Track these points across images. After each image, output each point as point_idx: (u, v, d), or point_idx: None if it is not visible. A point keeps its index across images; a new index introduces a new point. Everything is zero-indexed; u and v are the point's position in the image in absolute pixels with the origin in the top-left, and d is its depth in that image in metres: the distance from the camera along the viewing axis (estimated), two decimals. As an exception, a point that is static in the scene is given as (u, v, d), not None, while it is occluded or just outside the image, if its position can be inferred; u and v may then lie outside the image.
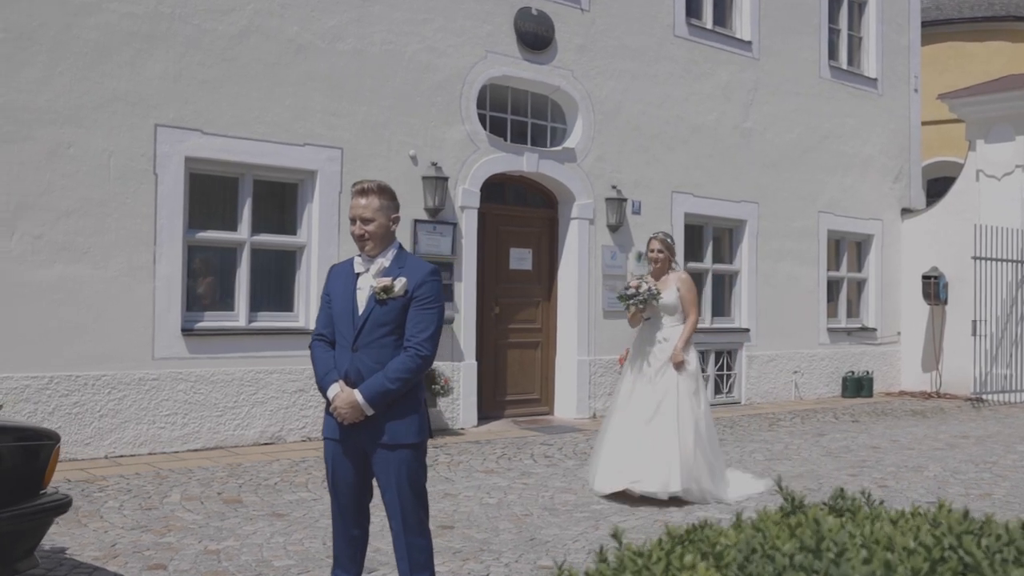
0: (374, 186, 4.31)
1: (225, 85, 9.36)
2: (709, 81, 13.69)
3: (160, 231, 8.98)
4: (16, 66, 8.27)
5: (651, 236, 8.09)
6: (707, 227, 13.94)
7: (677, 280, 7.89)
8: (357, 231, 4.29)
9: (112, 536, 6.08)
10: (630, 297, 7.75)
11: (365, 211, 4.27)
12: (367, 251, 4.31)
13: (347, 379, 4.23)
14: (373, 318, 4.23)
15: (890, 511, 2.35)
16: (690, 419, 7.56)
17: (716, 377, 14.07)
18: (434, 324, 4.26)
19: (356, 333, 4.24)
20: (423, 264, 4.35)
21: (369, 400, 4.15)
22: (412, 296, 4.23)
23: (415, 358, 4.18)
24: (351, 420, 4.19)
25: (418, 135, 10.73)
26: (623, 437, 7.61)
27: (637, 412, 7.65)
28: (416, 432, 4.26)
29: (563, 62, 12.04)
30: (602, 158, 12.42)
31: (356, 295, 4.30)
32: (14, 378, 8.21)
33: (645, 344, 7.84)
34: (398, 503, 4.23)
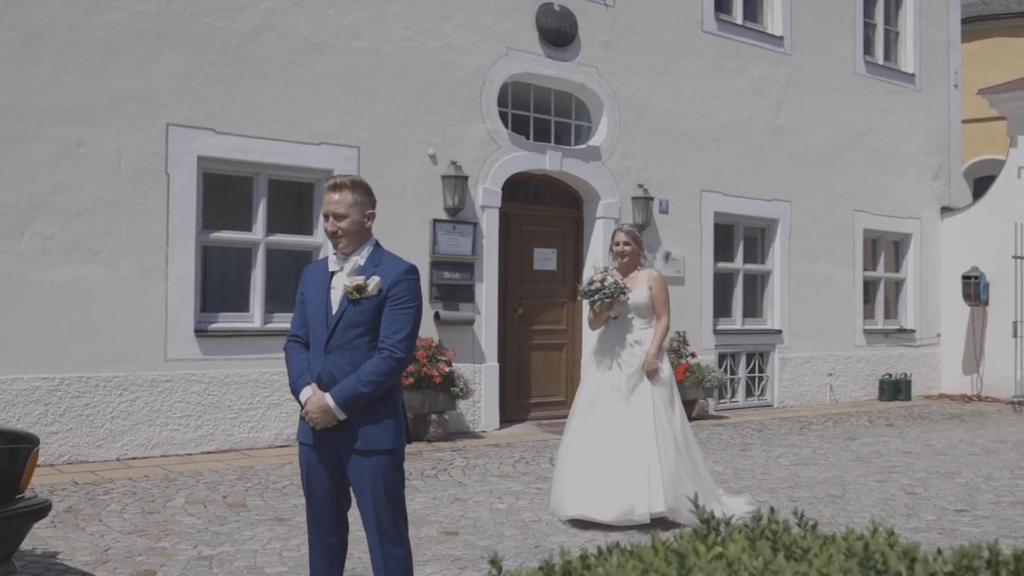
0: (347, 181, 4.12)
1: (238, 84, 9.26)
2: (740, 78, 13.39)
3: (172, 231, 8.89)
4: (26, 65, 8.22)
5: (616, 228, 7.25)
6: (738, 226, 13.64)
7: (648, 278, 7.03)
8: (330, 228, 4.10)
9: (107, 541, 5.97)
10: (593, 293, 6.80)
11: (338, 207, 4.08)
12: (341, 248, 4.13)
13: (319, 382, 4.05)
14: (346, 318, 4.04)
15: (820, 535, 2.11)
16: (668, 431, 6.75)
17: (747, 379, 13.76)
18: (410, 325, 4.06)
19: (329, 334, 4.05)
20: (400, 262, 4.15)
21: (341, 404, 3.97)
22: (387, 295, 4.04)
23: (389, 360, 3.99)
24: (323, 425, 4.01)
25: (437, 134, 10.56)
26: (590, 454, 6.73)
27: (605, 425, 6.75)
28: (392, 438, 4.07)
29: (587, 59, 11.81)
30: (628, 156, 12.18)
31: (330, 295, 4.11)
32: (24, 379, 8.15)
33: (613, 347, 6.90)
34: (373, 511, 4.04)
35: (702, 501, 6.07)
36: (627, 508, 6.51)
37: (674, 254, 12.57)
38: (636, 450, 6.62)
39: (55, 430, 8.27)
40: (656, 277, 7.06)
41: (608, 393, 6.82)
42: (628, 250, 7.04)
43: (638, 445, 6.63)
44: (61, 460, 8.28)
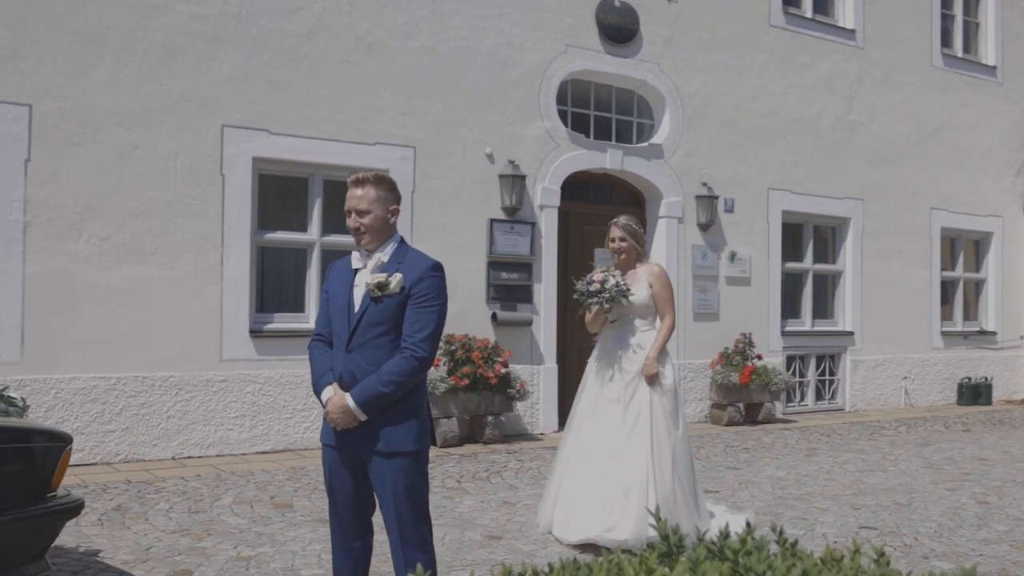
0: (370, 176, 4.03)
1: (293, 85, 9.27)
2: (809, 72, 13.03)
3: (228, 232, 8.93)
4: (84, 69, 8.33)
5: (611, 222, 6.46)
6: (807, 225, 13.27)
7: (648, 274, 6.27)
8: (352, 224, 4.02)
9: (150, 540, 5.97)
10: (594, 294, 6.12)
11: (360, 202, 3.99)
12: (364, 245, 4.03)
13: (341, 382, 3.96)
14: (368, 317, 3.94)
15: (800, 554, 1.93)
16: (667, 447, 6.03)
17: (817, 382, 13.37)
18: (433, 323, 3.94)
19: (350, 333, 3.96)
20: (424, 259, 4.04)
21: (361, 405, 3.87)
22: (410, 293, 3.93)
23: (411, 360, 3.88)
24: (344, 426, 3.92)
25: (494, 133, 10.46)
26: (585, 472, 6.08)
27: (602, 439, 6.08)
28: (414, 439, 3.95)
29: (649, 55, 11.60)
30: (691, 154, 11.92)
31: (352, 292, 4.02)
32: (82, 379, 8.25)
33: (613, 352, 6.23)
34: (395, 515, 3.93)
35: (697, 523, 5.82)
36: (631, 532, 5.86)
37: (740, 254, 12.28)
38: (632, 471, 5.94)
39: (112, 429, 8.36)
40: (657, 273, 6.30)
41: (609, 406, 6.12)
42: (624, 246, 6.33)
43: (634, 464, 5.95)
44: (118, 459, 8.36)
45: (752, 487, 8.06)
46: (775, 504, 7.41)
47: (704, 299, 12.01)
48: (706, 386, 11.94)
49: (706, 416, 11.93)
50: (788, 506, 7.35)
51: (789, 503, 7.46)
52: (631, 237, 6.32)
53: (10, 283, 8.01)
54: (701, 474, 8.52)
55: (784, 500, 7.57)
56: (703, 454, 9.63)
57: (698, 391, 11.89)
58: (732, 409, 11.73)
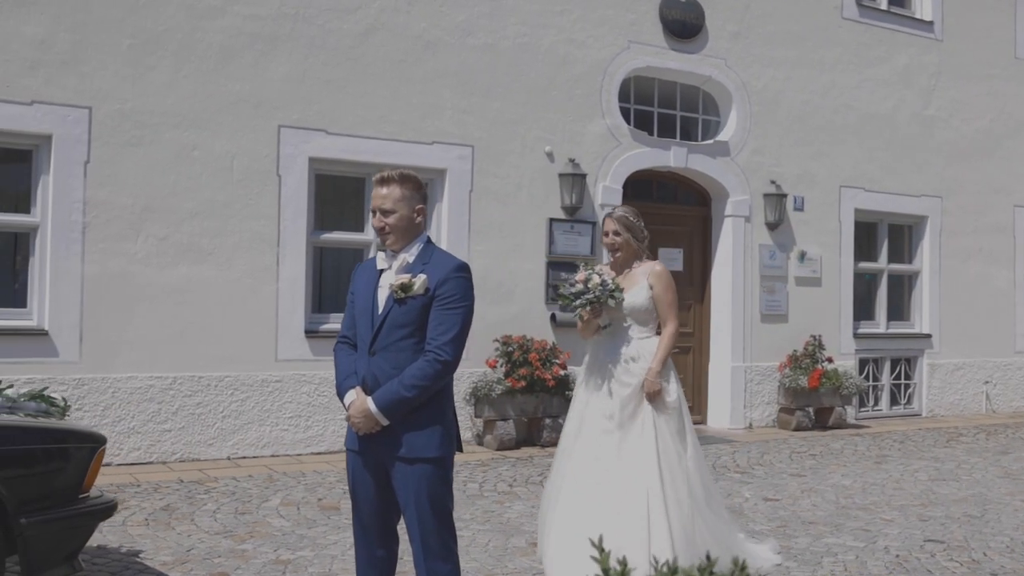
0: (395, 175, 3.92)
1: (350, 84, 9.24)
2: (884, 66, 12.60)
3: (284, 232, 8.94)
4: (142, 71, 8.40)
5: (606, 214, 5.66)
6: (881, 224, 12.84)
7: (649, 274, 5.44)
8: (377, 223, 3.92)
9: (192, 541, 5.96)
10: (576, 296, 5.35)
11: (385, 201, 3.88)
12: (389, 245, 3.93)
13: (364, 385, 3.86)
14: (391, 319, 3.84)
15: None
16: (679, 472, 5.21)
17: (892, 387, 12.93)
18: (458, 326, 3.82)
19: (374, 335, 3.86)
20: (450, 260, 3.92)
21: (382, 409, 3.76)
22: (434, 295, 3.82)
23: (434, 363, 3.76)
24: (366, 430, 3.81)
25: (555, 131, 10.30)
26: (583, 502, 5.17)
27: (597, 464, 5.21)
28: (438, 445, 3.83)
29: (715, 50, 11.32)
30: (759, 151, 11.61)
31: (377, 294, 3.92)
32: (138, 378, 8.33)
33: (604, 364, 5.39)
34: (418, 523, 3.81)
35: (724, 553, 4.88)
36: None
37: (810, 253, 11.92)
38: (635, 497, 5.11)
39: (168, 428, 8.42)
40: (659, 272, 5.46)
41: (597, 422, 5.28)
42: (619, 241, 5.48)
43: (638, 490, 5.11)
44: (173, 458, 8.42)
45: (815, 495, 7.78)
46: (837, 514, 7.13)
47: (772, 300, 11.68)
48: (774, 390, 11.61)
49: (774, 421, 11.61)
50: (850, 516, 7.06)
51: (852, 513, 7.17)
52: (627, 231, 5.48)
53: (69, 283, 8.12)
54: (763, 482, 8.28)
55: (847, 510, 7.27)
56: (767, 460, 9.35)
57: (765, 395, 11.58)
58: (801, 414, 11.38)
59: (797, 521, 6.87)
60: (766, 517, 6.98)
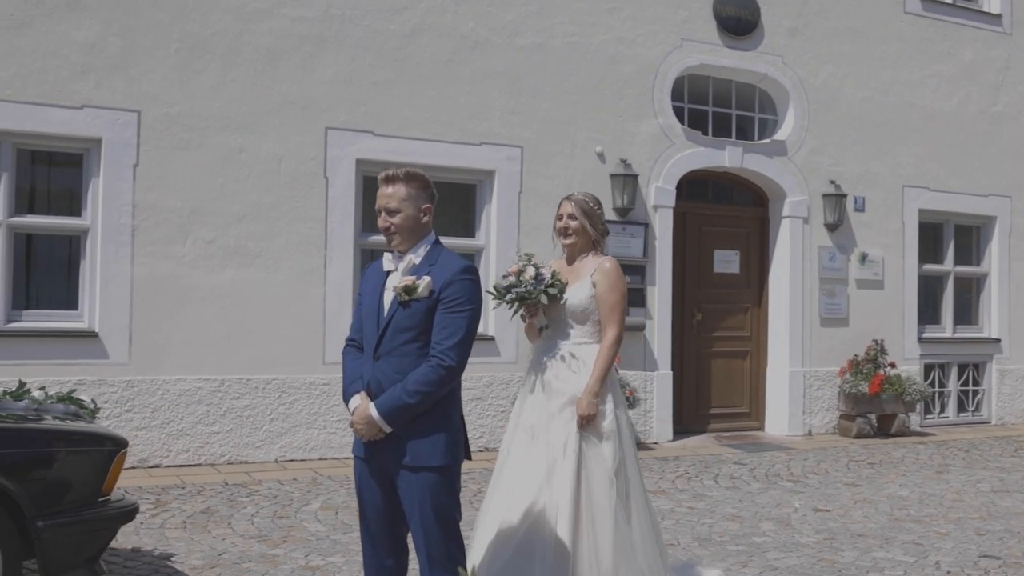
0: (401, 173, 3.84)
1: (397, 85, 9.20)
2: (948, 61, 12.20)
3: (331, 235, 8.93)
4: (191, 75, 8.46)
5: (564, 197, 4.88)
6: (947, 225, 12.43)
7: (596, 269, 4.67)
8: (382, 223, 3.85)
9: (226, 545, 5.95)
10: (505, 291, 4.67)
11: (390, 201, 3.81)
12: (395, 246, 3.86)
13: (368, 390, 3.78)
14: (395, 322, 3.76)
15: None
16: (606, 515, 4.38)
17: (960, 393, 12.51)
18: (463, 330, 3.72)
19: (378, 339, 3.78)
20: (456, 261, 3.83)
21: (384, 416, 3.67)
22: (439, 297, 3.72)
23: (437, 369, 3.67)
24: (369, 437, 3.74)
25: (605, 131, 10.15)
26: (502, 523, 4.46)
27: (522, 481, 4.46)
28: (442, 454, 3.74)
29: (771, 47, 11.06)
30: (818, 151, 11.32)
31: (382, 296, 3.85)
32: (187, 380, 8.38)
33: (540, 370, 4.64)
34: (422, 534, 3.73)
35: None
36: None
37: (871, 255, 11.58)
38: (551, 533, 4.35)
39: (216, 430, 8.46)
40: (607, 269, 4.66)
41: (520, 436, 4.58)
42: (574, 226, 4.72)
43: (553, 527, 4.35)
44: (221, 460, 8.46)
45: (868, 506, 7.52)
46: (889, 527, 6.87)
47: (832, 303, 11.37)
48: (833, 396, 11.30)
49: (834, 428, 11.29)
50: (903, 529, 6.80)
51: (905, 526, 6.90)
52: (584, 216, 4.72)
53: (119, 286, 8.20)
54: (815, 491, 8.04)
55: (900, 522, 7.01)
56: (822, 469, 9.09)
57: (825, 401, 11.27)
58: (861, 420, 11.05)
59: (845, 533, 6.64)
60: (813, 528, 6.75)
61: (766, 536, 6.52)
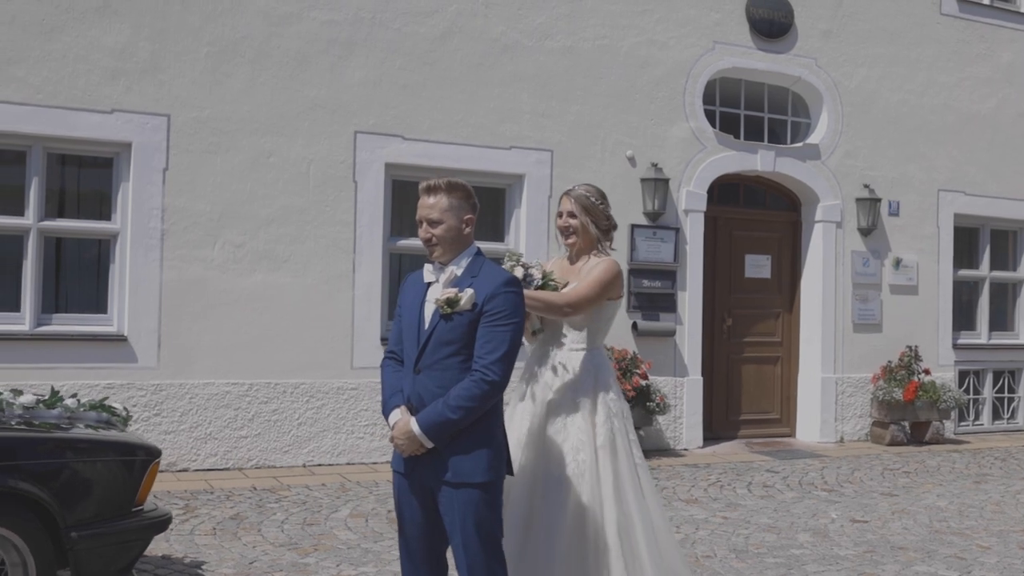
0: (443, 183, 3.74)
1: (426, 89, 9.14)
2: (986, 63, 12.01)
3: (360, 239, 8.88)
4: (220, 78, 8.43)
5: (564, 192, 4.56)
6: (983, 229, 12.23)
7: (594, 267, 4.39)
8: (423, 235, 3.75)
9: (256, 553, 5.89)
10: None
11: (432, 211, 3.71)
12: (436, 257, 3.76)
13: (409, 405, 3.69)
14: (437, 335, 3.66)
15: None
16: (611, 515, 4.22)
17: (995, 400, 12.31)
18: (506, 344, 3.62)
19: (419, 352, 3.69)
20: (499, 273, 3.73)
21: (426, 431, 3.58)
22: (482, 310, 3.63)
23: (481, 383, 3.58)
24: (410, 452, 3.65)
25: (636, 134, 10.04)
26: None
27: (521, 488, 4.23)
28: (484, 470, 3.65)
29: (804, 50, 10.92)
30: (851, 154, 11.16)
31: (423, 309, 3.75)
32: (215, 384, 8.35)
33: (532, 368, 4.46)
34: (463, 552, 3.64)
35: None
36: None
37: (905, 260, 11.41)
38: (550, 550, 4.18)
39: (244, 435, 8.42)
40: (604, 266, 4.36)
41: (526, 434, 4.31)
42: (574, 225, 4.46)
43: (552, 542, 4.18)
44: (249, 464, 8.41)
45: (906, 518, 7.37)
46: (929, 539, 6.73)
47: (865, 309, 11.22)
48: (866, 402, 11.14)
49: (866, 435, 11.13)
50: (944, 542, 6.66)
51: (946, 539, 6.76)
52: (586, 214, 4.45)
53: (148, 290, 8.18)
54: (851, 501, 7.92)
55: (941, 535, 6.87)
56: (857, 477, 8.94)
57: (857, 408, 11.12)
58: (895, 428, 10.89)
59: (886, 546, 6.50)
60: (852, 541, 6.62)
61: (804, 548, 6.40)
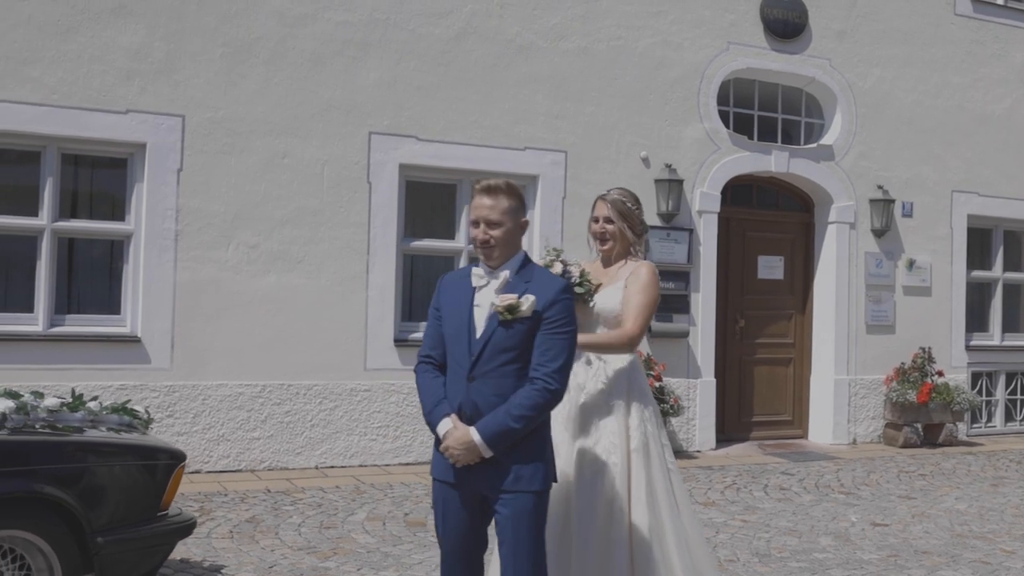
0: (503, 184, 3.65)
1: (441, 90, 9.10)
2: (1000, 64, 11.97)
3: (374, 240, 8.84)
4: (235, 79, 8.39)
5: (598, 196, 4.51)
6: (996, 230, 12.18)
7: (631, 273, 4.35)
8: (480, 236, 3.61)
9: (275, 556, 5.85)
10: None
11: (492, 212, 3.59)
12: (491, 261, 3.65)
13: (461, 413, 3.57)
14: (495, 342, 3.56)
15: None
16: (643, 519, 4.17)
17: (1007, 402, 12.26)
18: (565, 352, 3.57)
19: (474, 359, 3.57)
20: (553, 279, 3.68)
21: (488, 441, 3.50)
22: (542, 317, 3.56)
23: (543, 392, 3.51)
24: (465, 462, 3.54)
25: (650, 135, 10.00)
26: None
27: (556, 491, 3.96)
28: (542, 478, 3.61)
29: (818, 50, 10.87)
30: (865, 155, 11.12)
31: (473, 313, 3.63)
32: (228, 385, 8.31)
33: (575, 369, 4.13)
34: (512, 558, 3.57)
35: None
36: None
37: (919, 262, 11.37)
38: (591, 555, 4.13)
39: (257, 436, 8.38)
40: (642, 273, 4.33)
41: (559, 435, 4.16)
42: (611, 230, 4.39)
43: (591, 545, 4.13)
44: (262, 466, 8.37)
45: (927, 521, 7.33)
46: (952, 543, 6.69)
47: (878, 310, 11.17)
48: (879, 404, 11.09)
49: (879, 436, 11.09)
50: (968, 546, 6.62)
51: (969, 543, 6.71)
52: (622, 219, 4.39)
53: (162, 291, 8.14)
54: (870, 504, 7.88)
55: (964, 539, 6.82)
56: (873, 480, 8.90)
57: (870, 409, 11.07)
58: (908, 430, 10.84)
59: (909, 550, 6.46)
60: (875, 545, 6.58)
61: (827, 552, 6.35)
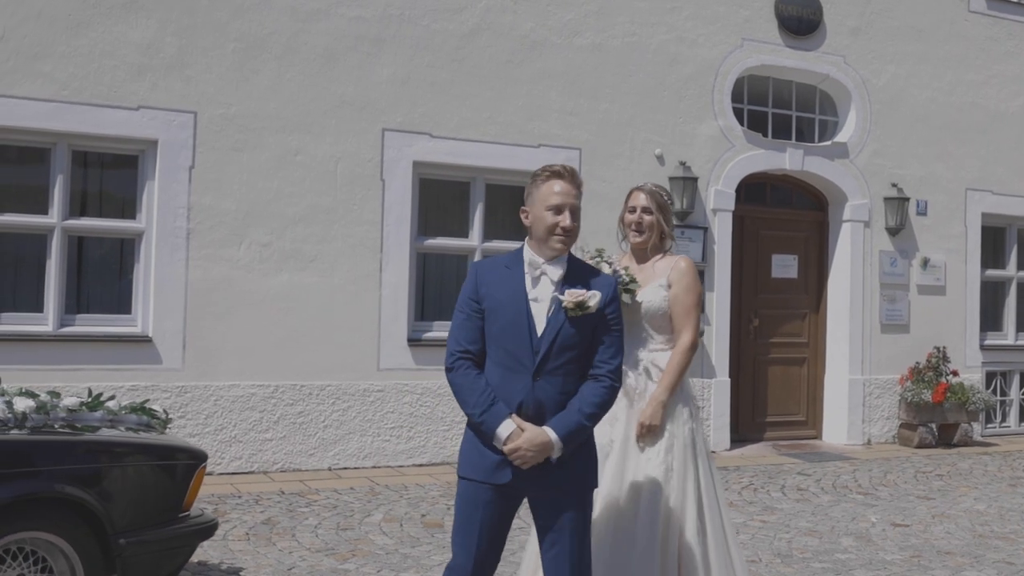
0: (572, 169, 3.60)
1: (455, 86, 9.01)
2: (1014, 61, 11.87)
3: (387, 238, 8.76)
4: (247, 75, 8.31)
5: (633, 187, 4.51)
6: (1011, 229, 12.09)
7: (671, 269, 4.29)
8: (566, 223, 3.47)
9: (293, 559, 5.77)
10: None
11: (577, 200, 3.53)
12: (561, 251, 3.52)
13: (522, 412, 3.41)
14: (561, 339, 3.44)
15: None
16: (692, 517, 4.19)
17: (1022, 402, 12.17)
18: (623, 349, 3.57)
19: (540, 357, 3.43)
20: (603, 275, 3.64)
21: (563, 439, 3.38)
22: (604, 314, 3.48)
23: (612, 390, 3.47)
24: (532, 463, 3.39)
25: (664, 133, 9.92)
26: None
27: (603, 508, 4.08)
28: (595, 476, 3.59)
29: (833, 47, 10.79)
30: (880, 153, 11.03)
31: (531, 308, 3.47)
32: (240, 386, 8.22)
33: None
34: (568, 556, 3.46)
35: None
36: None
37: (933, 260, 11.28)
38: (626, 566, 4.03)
39: (269, 437, 8.29)
40: (683, 269, 4.29)
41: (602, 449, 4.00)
42: (648, 222, 4.34)
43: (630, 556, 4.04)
44: (274, 468, 8.29)
45: (947, 522, 7.24)
46: (975, 544, 6.60)
47: (893, 309, 11.08)
48: (894, 404, 11.01)
49: (893, 437, 11.00)
50: (990, 547, 6.53)
51: (991, 543, 6.63)
52: (659, 211, 4.35)
53: (173, 290, 8.06)
54: (889, 505, 7.79)
55: (985, 539, 6.74)
56: (890, 480, 8.82)
57: (885, 409, 10.98)
58: (923, 430, 10.75)
59: (932, 551, 6.38)
60: (897, 545, 6.49)
61: (849, 553, 6.27)
